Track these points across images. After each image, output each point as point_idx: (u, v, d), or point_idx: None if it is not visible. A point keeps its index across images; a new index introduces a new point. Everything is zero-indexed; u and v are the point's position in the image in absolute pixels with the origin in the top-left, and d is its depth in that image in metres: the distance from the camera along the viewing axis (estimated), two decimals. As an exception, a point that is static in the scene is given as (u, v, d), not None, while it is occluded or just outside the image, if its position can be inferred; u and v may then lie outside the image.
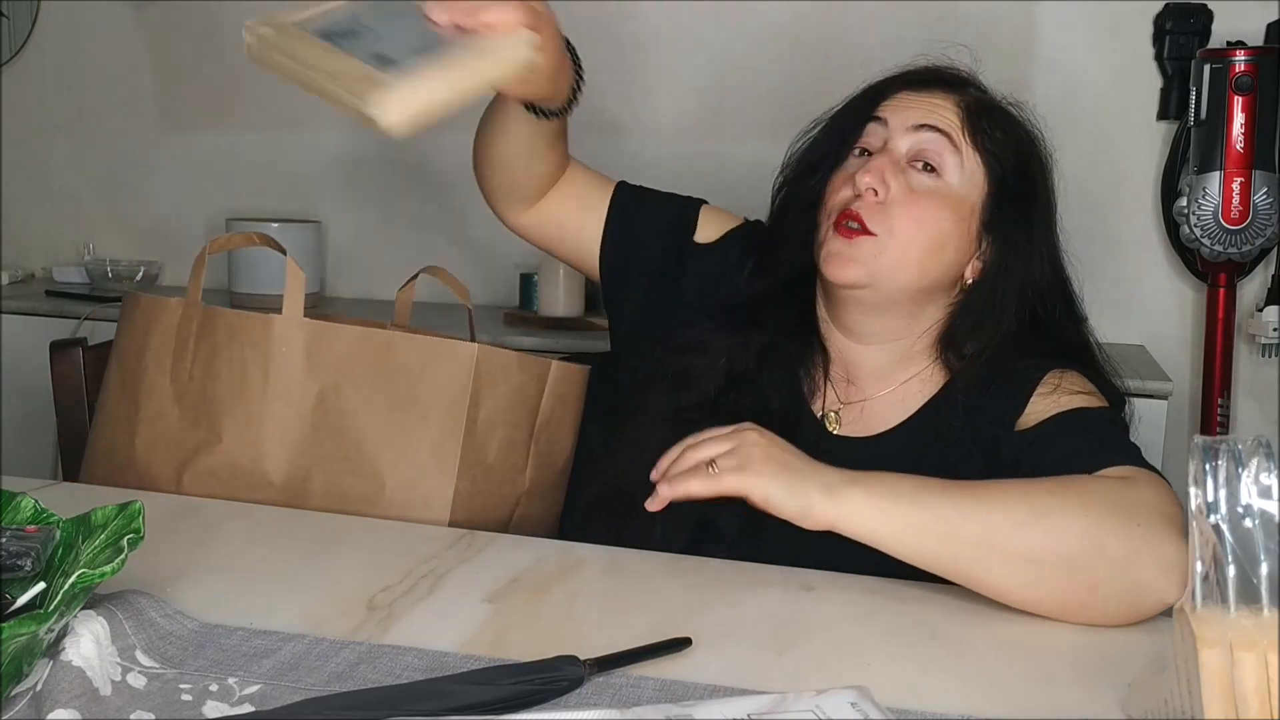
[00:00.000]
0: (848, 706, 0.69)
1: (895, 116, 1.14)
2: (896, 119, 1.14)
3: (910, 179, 1.12)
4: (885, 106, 1.16)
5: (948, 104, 1.15)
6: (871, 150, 1.15)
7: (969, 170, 1.13)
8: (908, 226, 1.10)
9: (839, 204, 1.13)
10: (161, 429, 1.27)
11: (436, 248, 2.33)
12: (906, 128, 1.13)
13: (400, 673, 0.80)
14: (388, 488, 1.25)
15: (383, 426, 1.25)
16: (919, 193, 1.11)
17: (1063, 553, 0.90)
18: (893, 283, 1.12)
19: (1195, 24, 1.98)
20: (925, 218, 1.11)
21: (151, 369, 1.29)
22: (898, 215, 1.10)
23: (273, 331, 1.25)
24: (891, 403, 1.17)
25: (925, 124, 1.13)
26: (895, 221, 1.10)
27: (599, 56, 1.27)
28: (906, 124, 1.13)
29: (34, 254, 2.63)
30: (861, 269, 1.10)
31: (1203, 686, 0.65)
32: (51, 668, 0.74)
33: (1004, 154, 1.15)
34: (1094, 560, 0.89)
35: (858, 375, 1.19)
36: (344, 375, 1.25)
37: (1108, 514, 0.90)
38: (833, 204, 1.14)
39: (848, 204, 1.12)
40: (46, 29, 2.59)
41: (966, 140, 1.13)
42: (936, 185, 1.12)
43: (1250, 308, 1.98)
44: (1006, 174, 1.15)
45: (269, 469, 1.25)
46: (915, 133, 1.13)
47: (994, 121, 1.16)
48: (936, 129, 1.13)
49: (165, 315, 1.29)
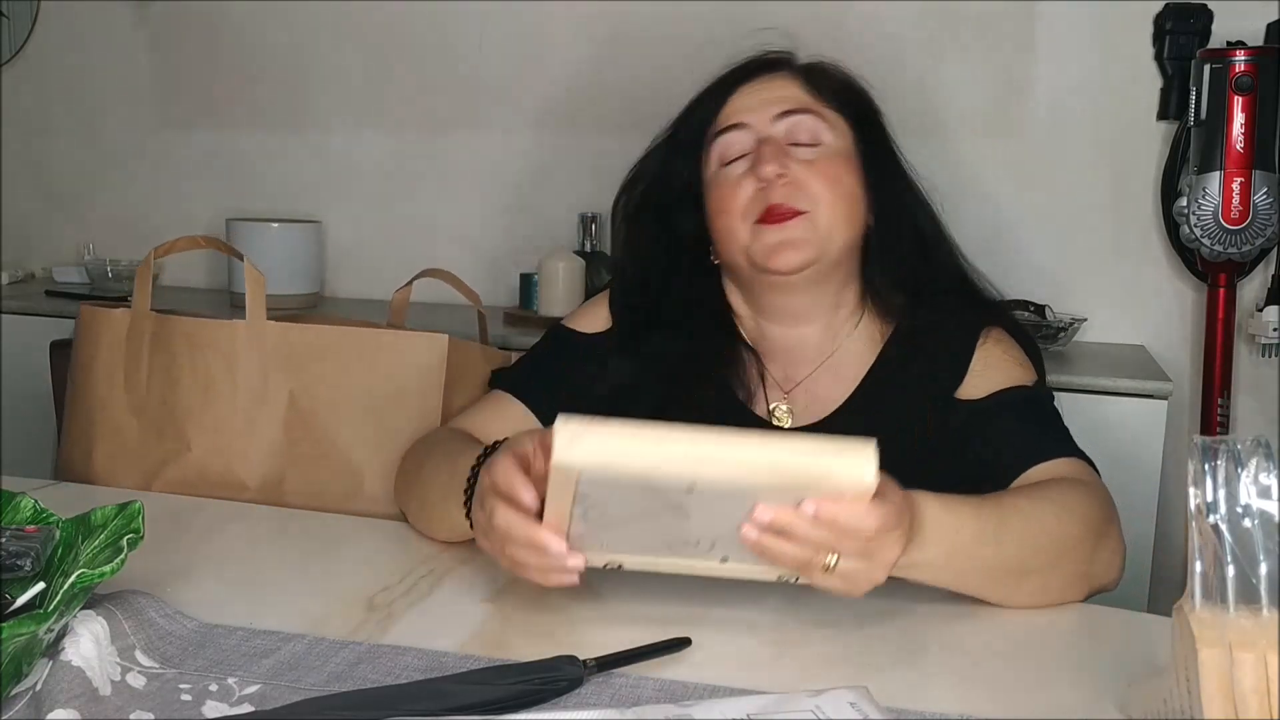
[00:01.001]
0: (847, 706, 0.69)
1: (752, 116, 1.18)
2: (755, 117, 1.17)
3: (800, 154, 1.16)
4: (736, 111, 1.19)
5: (788, 81, 1.20)
6: (743, 153, 1.17)
7: (836, 127, 1.18)
8: (825, 191, 1.14)
9: (750, 202, 1.15)
10: (120, 443, 1.27)
11: (436, 248, 2.33)
12: (769, 119, 1.17)
13: (400, 673, 0.80)
14: (366, 482, 1.25)
15: (357, 423, 1.26)
16: (817, 160, 1.16)
17: (1052, 566, 0.97)
18: (832, 248, 1.15)
19: (1195, 24, 1.97)
20: (834, 177, 1.15)
21: (102, 383, 1.28)
22: (812, 185, 1.14)
23: (237, 336, 1.25)
24: (832, 376, 1.18)
25: (785, 111, 1.17)
26: (813, 191, 1.14)
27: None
28: (767, 117, 1.17)
29: (34, 254, 2.63)
30: (807, 247, 1.14)
31: (1202, 686, 0.65)
32: (51, 668, 0.74)
33: (851, 102, 1.22)
34: (1070, 566, 0.98)
35: (793, 359, 1.20)
36: (314, 375, 1.26)
37: (1081, 525, 0.99)
38: (740, 204, 1.15)
39: (763, 198, 1.14)
40: (46, 29, 2.59)
41: (822, 103, 1.19)
42: (823, 150, 1.17)
43: (1250, 308, 1.98)
44: (861, 120, 1.21)
45: (242, 474, 1.25)
46: (779, 120, 1.17)
47: (829, 77, 1.22)
48: (796, 110, 1.17)
49: (112, 326, 1.28)
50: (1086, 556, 0.99)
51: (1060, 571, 0.97)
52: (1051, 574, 0.97)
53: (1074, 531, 0.98)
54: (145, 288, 1.28)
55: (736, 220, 1.15)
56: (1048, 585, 0.97)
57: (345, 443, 1.26)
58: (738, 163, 1.17)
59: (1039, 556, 0.96)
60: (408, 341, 1.28)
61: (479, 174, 2.36)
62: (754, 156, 1.15)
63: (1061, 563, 0.97)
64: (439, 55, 2.36)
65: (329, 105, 2.44)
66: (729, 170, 1.17)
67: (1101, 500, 1.03)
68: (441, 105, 2.37)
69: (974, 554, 0.93)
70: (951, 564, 0.92)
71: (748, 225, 1.15)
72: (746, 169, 1.16)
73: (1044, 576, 0.97)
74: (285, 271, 2.22)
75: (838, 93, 1.21)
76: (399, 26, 2.37)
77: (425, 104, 2.38)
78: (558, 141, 2.31)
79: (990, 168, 2.10)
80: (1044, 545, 0.96)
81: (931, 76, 2.09)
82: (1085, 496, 1.02)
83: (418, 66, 2.37)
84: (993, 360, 1.16)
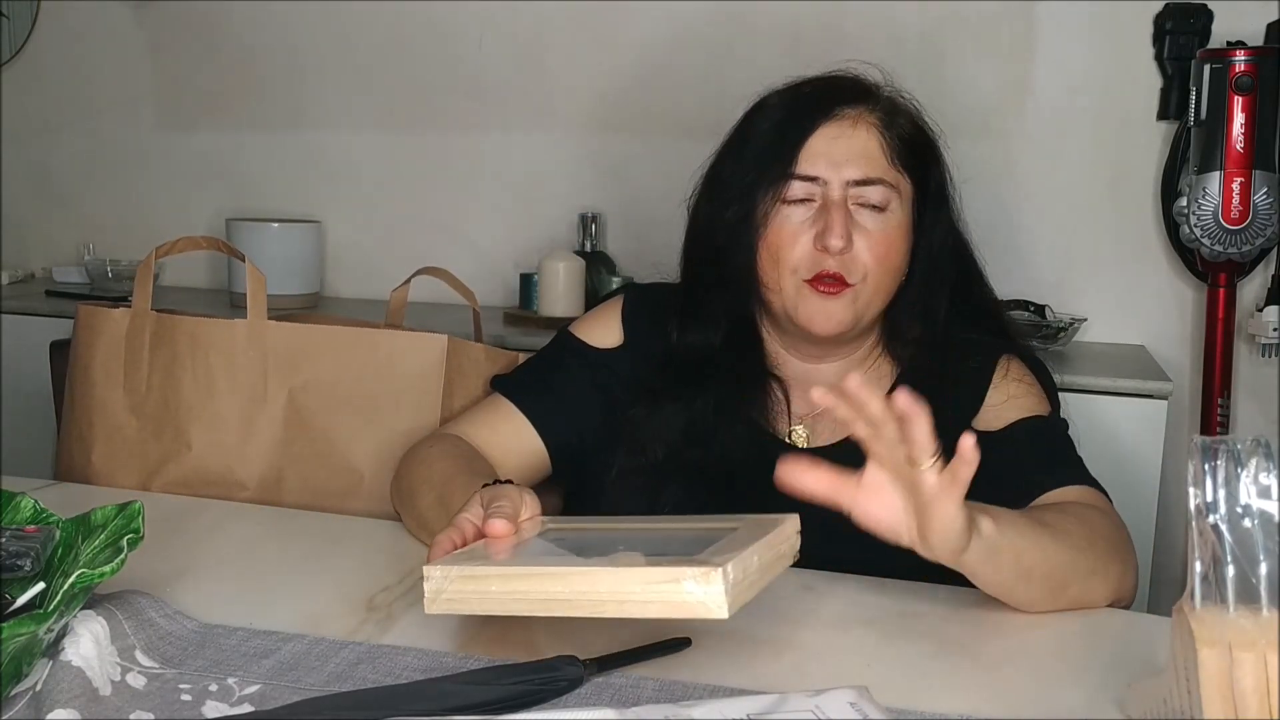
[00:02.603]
0: (847, 706, 0.69)
1: (831, 173, 1.15)
2: (833, 175, 1.14)
3: (862, 219, 1.15)
4: (814, 159, 1.15)
5: (870, 134, 1.16)
6: (808, 198, 1.15)
7: (903, 192, 1.17)
8: (876, 268, 1.15)
9: (805, 260, 1.14)
10: (119, 442, 1.27)
11: (436, 248, 2.32)
12: (844, 182, 1.15)
13: (400, 673, 0.80)
14: (365, 481, 1.25)
15: (356, 421, 1.26)
16: (875, 233, 1.15)
17: (1068, 579, 0.97)
18: (867, 318, 1.17)
19: (1195, 24, 1.97)
20: (889, 254, 1.16)
21: (101, 382, 1.28)
22: (867, 259, 1.14)
23: (236, 336, 1.25)
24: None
25: (862, 179, 1.14)
26: (867, 265, 1.14)
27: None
28: (843, 179, 1.15)
29: (34, 254, 2.63)
30: (846, 318, 1.15)
31: (1201, 686, 0.65)
32: (51, 668, 0.74)
33: (920, 155, 1.19)
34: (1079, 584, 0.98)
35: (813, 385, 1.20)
36: (313, 374, 1.26)
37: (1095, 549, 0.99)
38: (794, 259, 1.15)
39: (818, 263, 1.14)
40: (46, 29, 2.59)
41: (895, 167, 1.16)
42: (886, 221, 1.15)
43: (1250, 308, 1.98)
44: (927, 178, 1.20)
45: (241, 473, 1.25)
46: (854, 186, 1.15)
47: (902, 127, 1.19)
48: (872, 181, 1.15)
49: (111, 326, 1.28)
50: (1117, 575, 1.00)
51: (1093, 589, 0.98)
52: (1085, 587, 0.98)
53: (1103, 550, 1.00)
54: (145, 287, 1.28)
55: (786, 274, 1.15)
56: (1079, 599, 0.98)
57: (344, 442, 1.26)
58: (799, 208, 1.15)
59: (1076, 569, 0.97)
60: (407, 341, 1.28)
61: (479, 174, 2.36)
62: (820, 217, 1.14)
63: (1094, 580, 0.98)
64: (439, 55, 2.36)
65: (329, 105, 2.43)
66: (790, 213, 1.16)
67: (1118, 525, 1.06)
68: (441, 105, 2.37)
69: (1023, 554, 0.92)
70: (1007, 553, 0.91)
71: (795, 282, 1.15)
72: (809, 221, 1.15)
73: (1079, 589, 0.98)
74: (285, 271, 2.22)
75: (910, 149, 1.18)
76: (399, 26, 2.37)
77: (425, 104, 2.38)
78: (558, 141, 2.31)
79: (990, 168, 2.10)
80: (1081, 561, 0.97)
81: (931, 76, 2.08)
82: (1105, 520, 1.05)
83: (418, 66, 2.37)
84: (1010, 391, 1.18)
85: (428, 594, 0.78)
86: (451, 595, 0.78)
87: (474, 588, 0.77)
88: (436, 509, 1.05)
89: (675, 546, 0.82)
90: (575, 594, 0.75)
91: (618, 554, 0.80)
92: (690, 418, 1.16)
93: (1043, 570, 0.94)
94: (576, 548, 0.85)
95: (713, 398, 1.17)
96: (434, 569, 0.79)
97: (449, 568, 0.78)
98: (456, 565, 0.79)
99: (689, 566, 0.73)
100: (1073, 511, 1.03)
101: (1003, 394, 1.18)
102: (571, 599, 0.75)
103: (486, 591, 0.77)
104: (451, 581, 0.78)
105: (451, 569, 0.78)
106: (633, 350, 1.24)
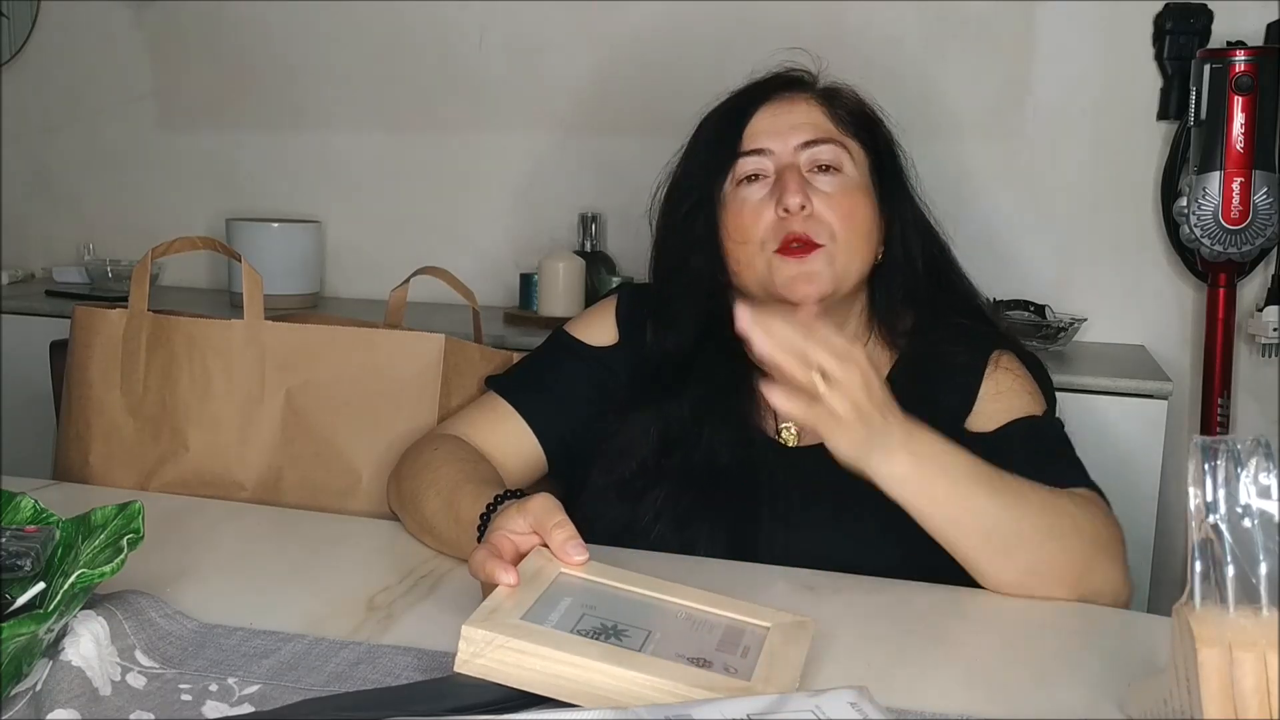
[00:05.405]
0: (847, 706, 0.69)
1: (776, 142, 1.17)
2: (779, 144, 1.17)
3: (819, 183, 1.16)
4: (759, 134, 1.18)
5: (811, 106, 1.20)
6: (761, 175, 1.17)
7: (855, 157, 1.19)
8: (843, 225, 1.15)
9: (770, 231, 1.15)
10: (117, 443, 1.26)
11: (436, 248, 2.32)
12: (793, 147, 1.17)
13: (400, 673, 0.80)
14: (363, 481, 1.25)
15: (354, 421, 1.26)
16: (834, 194, 1.16)
17: (1042, 543, 0.98)
18: (847, 282, 1.16)
19: (1195, 24, 1.97)
20: (851, 211, 1.16)
21: (98, 383, 1.27)
22: (831, 218, 1.15)
23: (234, 336, 1.25)
24: None
25: (809, 140, 1.17)
26: (832, 225, 1.14)
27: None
28: (791, 145, 1.17)
29: (34, 254, 2.63)
30: (824, 281, 1.14)
31: (1201, 686, 0.65)
32: (51, 668, 0.74)
33: (869, 129, 1.22)
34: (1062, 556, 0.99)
35: None
36: (311, 374, 1.26)
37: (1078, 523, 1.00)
38: (759, 233, 1.15)
39: (783, 228, 1.14)
40: (46, 29, 2.59)
41: (843, 132, 1.19)
42: (843, 180, 1.17)
43: (1250, 308, 1.98)
44: (877, 146, 1.22)
45: (239, 473, 1.25)
46: (803, 150, 1.17)
47: (848, 102, 1.22)
48: (820, 140, 1.17)
49: (107, 327, 1.28)
50: (1082, 555, 0.99)
51: (1052, 556, 0.97)
52: (1041, 553, 0.97)
53: (1068, 524, 0.99)
54: (142, 288, 1.28)
55: (755, 249, 1.15)
56: (1036, 566, 0.97)
57: (342, 442, 1.26)
58: (754, 185, 1.17)
59: (1033, 529, 0.97)
60: (404, 341, 1.28)
61: (479, 174, 2.36)
62: (777, 185, 1.15)
63: (1052, 547, 0.97)
64: (439, 55, 2.36)
65: (329, 105, 2.43)
66: (746, 193, 1.17)
67: (1107, 521, 1.04)
68: (441, 105, 2.37)
69: (967, 488, 0.95)
70: (943, 480, 0.94)
71: (766, 255, 1.15)
72: (765, 194, 1.16)
73: (1034, 555, 0.97)
74: (284, 271, 2.22)
75: (856, 120, 1.21)
76: (399, 26, 2.37)
77: (425, 104, 2.38)
78: (557, 141, 2.31)
79: (990, 168, 2.10)
80: (1039, 521, 0.97)
81: (931, 77, 2.08)
82: (1090, 508, 1.03)
83: (418, 66, 2.37)
84: (1002, 388, 1.16)
85: (462, 654, 0.75)
86: (488, 661, 0.75)
87: (514, 660, 0.75)
88: (444, 515, 1.03)
89: (709, 643, 0.80)
90: (616, 691, 0.74)
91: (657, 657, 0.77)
92: (678, 418, 1.16)
93: (976, 521, 0.95)
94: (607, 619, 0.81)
95: (698, 398, 1.17)
96: (476, 632, 0.75)
97: (492, 635, 0.75)
98: (500, 635, 0.75)
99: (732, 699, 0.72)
100: (1049, 489, 1.01)
101: (992, 391, 1.16)
102: (610, 696, 0.74)
103: (525, 664, 0.75)
104: (493, 649, 0.75)
105: (495, 637, 0.75)
106: (628, 349, 1.24)
